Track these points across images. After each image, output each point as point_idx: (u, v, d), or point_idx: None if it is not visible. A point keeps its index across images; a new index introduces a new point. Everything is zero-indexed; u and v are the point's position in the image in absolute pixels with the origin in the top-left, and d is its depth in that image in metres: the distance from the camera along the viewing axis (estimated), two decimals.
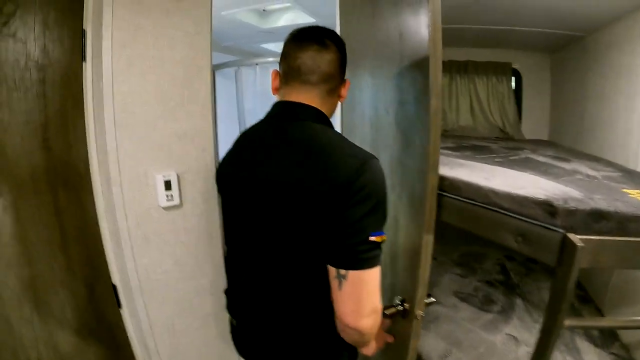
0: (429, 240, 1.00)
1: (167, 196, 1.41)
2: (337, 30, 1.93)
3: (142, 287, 1.50)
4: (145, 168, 1.39)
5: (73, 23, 1.26)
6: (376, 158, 0.82)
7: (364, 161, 0.78)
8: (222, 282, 1.61)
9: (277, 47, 3.14)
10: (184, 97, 1.38)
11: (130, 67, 1.31)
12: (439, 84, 0.94)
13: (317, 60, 0.88)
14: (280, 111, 0.93)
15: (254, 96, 2.89)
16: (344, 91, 0.98)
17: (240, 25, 2.37)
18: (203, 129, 1.42)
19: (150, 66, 1.33)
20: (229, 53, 2.82)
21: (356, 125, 1.72)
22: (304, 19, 2.44)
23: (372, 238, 0.74)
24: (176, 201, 1.44)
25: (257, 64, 2.69)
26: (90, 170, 1.37)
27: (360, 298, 0.76)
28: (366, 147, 0.87)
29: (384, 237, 0.77)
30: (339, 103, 1.01)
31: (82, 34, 1.29)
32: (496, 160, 2.07)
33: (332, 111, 0.97)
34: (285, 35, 1.00)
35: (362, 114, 1.65)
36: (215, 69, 2.75)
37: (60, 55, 1.24)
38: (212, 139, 1.42)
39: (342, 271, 0.76)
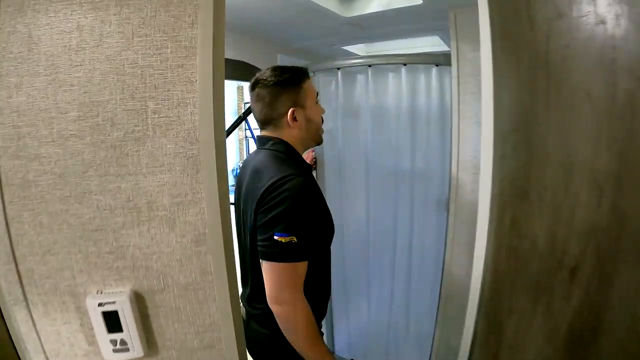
0: None
1: (112, 342, 0.59)
2: None
3: None
4: (69, 280, 0.59)
5: None
6: (296, 175, 0.88)
7: (282, 177, 0.87)
8: None
9: (365, 49, 2.25)
10: (147, 119, 0.54)
11: (30, 56, 0.53)
12: None
13: (255, 111, 1.04)
14: (257, 142, 1.10)
15: (335, 113, 2.02)
16: (289, 120, 0.99)
17: (316, 13, 1.55)
18: (194, 190, 0.56)
19: (72, 49, 0.53)
20: (302, 57, 2.04)
21: (540, 185, 0.72)
22: (403, 1, 1.53)
23: (276, 237, 0.83)
24: (136, 351, 0.61)
25: (338, 69, 1.84)
26: None
27: (271, 285, 0.86)
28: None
29: (290, 238, 0.83)
30: (315, 126, 1.06)
31: None
32: None
33: (297, 137, 1.02)
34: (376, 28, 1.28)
35: (563, 160, 0.66)
36: None
37: None
38: (218, 213, 0.55)
39: (261, 260, 0.88)
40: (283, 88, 0.98)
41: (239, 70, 1.80)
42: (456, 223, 1.62)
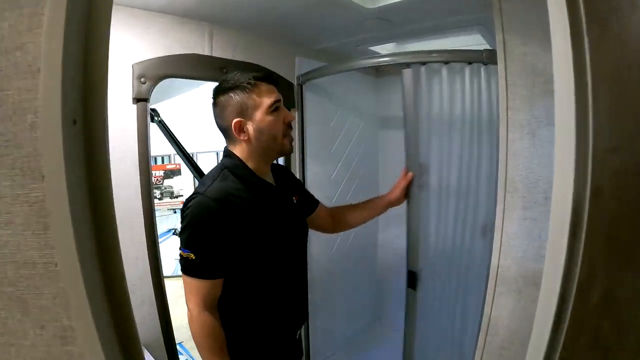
0: None
1: None
2: None
3: None
4: None
5: None
6: (202, 194, 0.89)
7: (193, 195, 0.92)
8: None
9: (396, 50, 2.00)
10: None
11: None
12: None
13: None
14: None
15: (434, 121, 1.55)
16: (235, 132, 0.96)
17: (335, 5, 1.32)
18: (45, 259, 0.33)
19: None
20: (324, 60, 1.80)
21: None
22: None
23: (180, 252, 0.90)
24: None
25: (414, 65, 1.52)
26: None
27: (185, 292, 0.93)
28: None
29: (187, 254, 0.88)
30: (271, 136, 0.97)
31: None
32: None
33: (247, 150, 0.98)
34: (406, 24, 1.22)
35: None
36: (304, 80, 1.75)
37: None
38: (84, 297, 0.32)
39: None
40: (230, 97, 0.95)
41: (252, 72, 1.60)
42: (501, 257, 1.31)
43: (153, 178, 5.23)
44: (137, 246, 1.23)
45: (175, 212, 5.70)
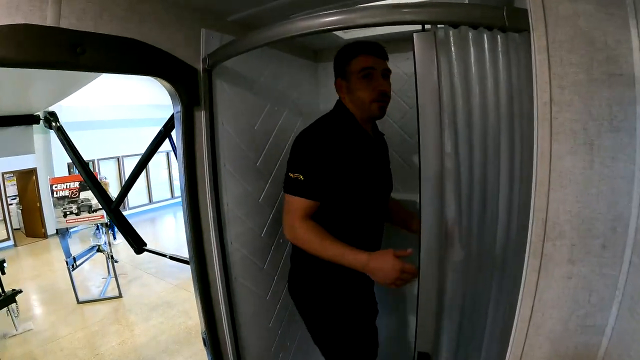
0: None
1: None
2: None
3: None
4: None
5: None
6: (311, 131, 1.09)
7: (303, 131, 1.09)
8: None
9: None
10: None
11: None
12: None
13: None
14: None
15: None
16: (337, 90, 1.16)
17: None
18: None
19: None
20: (240, 35, 1.15)
21: None
22: None
23: (290, 174, 1.05)
24: None
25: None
26: None
27: (284, 211, 1.08)
28: None
29: (298, 176, 1.03)
30: (359, 99, 1.09)
31: None
32: None
33: (354, 105, 1.11)
34: None
35: None
36: (213, 63, 1.08)
37: None
38: None
39: None
40: (336, 58, 1.13)
41: (128, 53, 0.92)
42: (530, 331, 0.83)
43: (67, 191, 4.18)
44: None
45: (98, 228, 4.68)
